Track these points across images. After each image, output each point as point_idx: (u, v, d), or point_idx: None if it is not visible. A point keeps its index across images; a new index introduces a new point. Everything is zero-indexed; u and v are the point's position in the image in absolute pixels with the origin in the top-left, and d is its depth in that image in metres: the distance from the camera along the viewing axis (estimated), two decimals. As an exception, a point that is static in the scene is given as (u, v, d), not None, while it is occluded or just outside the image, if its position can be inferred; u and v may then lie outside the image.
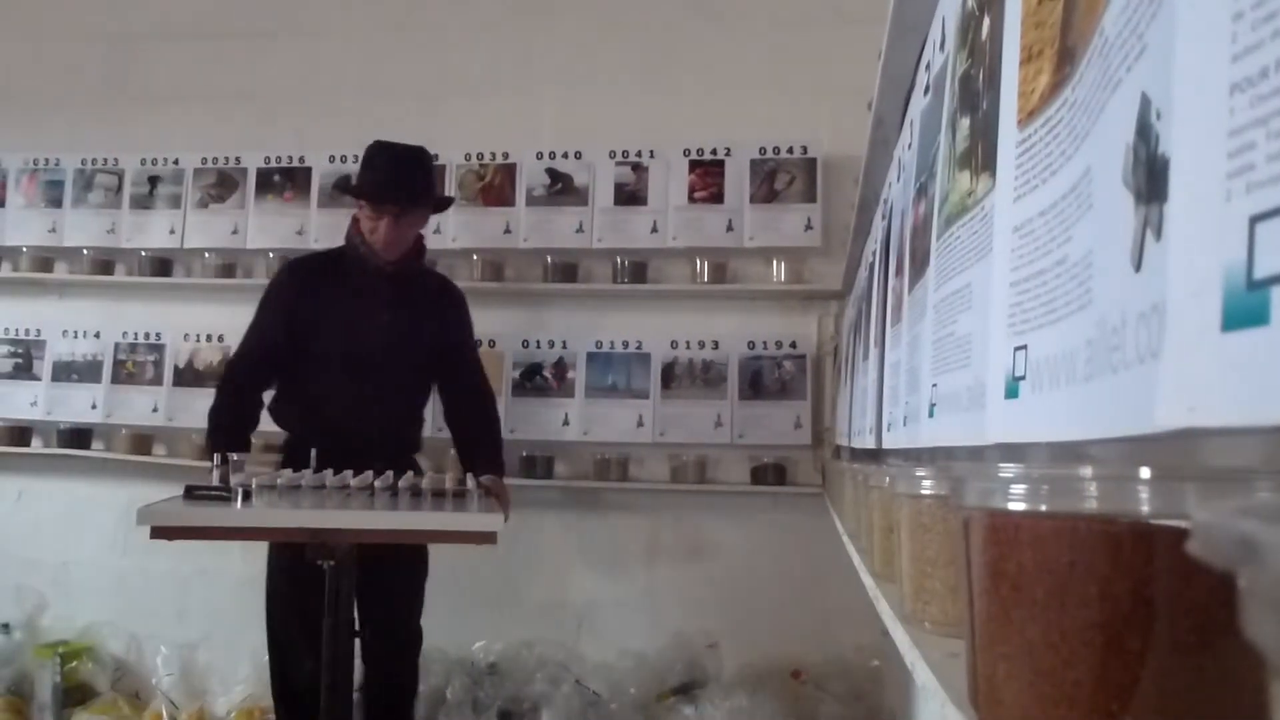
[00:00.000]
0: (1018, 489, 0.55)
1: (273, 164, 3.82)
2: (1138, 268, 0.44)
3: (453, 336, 3.06)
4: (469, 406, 3.04)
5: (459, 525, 2.22)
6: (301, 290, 2.94)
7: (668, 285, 3.60)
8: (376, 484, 2.47)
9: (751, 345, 3.52)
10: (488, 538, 2.16)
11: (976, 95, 0.82)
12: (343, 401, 2.85)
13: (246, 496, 2.32)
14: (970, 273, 0.79)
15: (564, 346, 3.60)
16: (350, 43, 3.90)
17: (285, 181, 3.80)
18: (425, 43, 3.83)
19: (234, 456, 2.53)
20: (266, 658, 2.96)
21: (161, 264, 3.87)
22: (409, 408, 3.00)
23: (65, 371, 3.89)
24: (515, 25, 3.79)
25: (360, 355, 2.87)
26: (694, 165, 3.58)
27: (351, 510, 2.25)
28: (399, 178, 2.85)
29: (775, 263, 3.51)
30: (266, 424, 2.93)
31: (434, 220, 3.70)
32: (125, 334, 3.87)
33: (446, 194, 3.19)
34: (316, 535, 2.22)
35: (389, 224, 2.83)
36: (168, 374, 3.80)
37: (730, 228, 3.52)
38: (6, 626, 3.69)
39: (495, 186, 3.68)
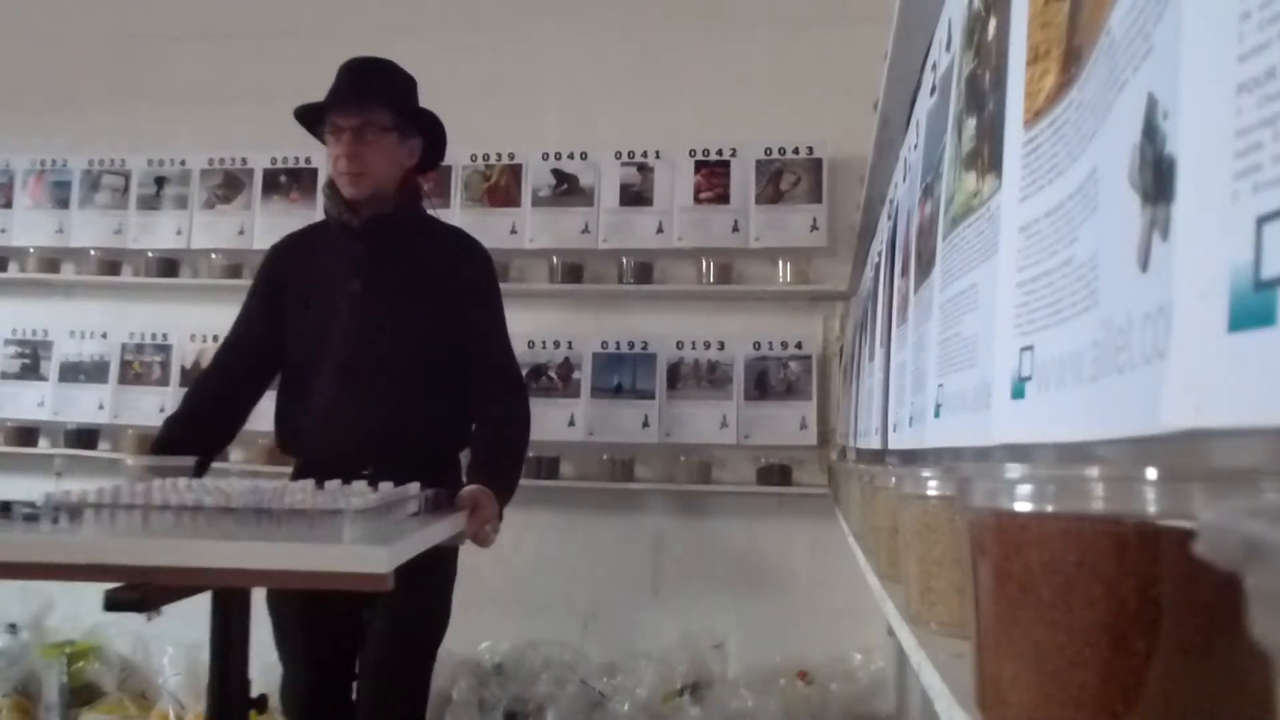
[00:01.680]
0: (1024, 489, 0.55)
1: (279, 165, 3.83)
2: (1144, 268, 0.44)
3: (464, 308, 2.37)
4: (485, 414, 2.34)
5: (323, 564, 1.47)
6: (277, 272, 2.44)
7: (673, 286, 3.60)
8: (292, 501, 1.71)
9: (757, 346, 3.52)
10: (373, 581, 1.45)
11: (983, 95, 0.82)
12: (325, 406, 2.27)
13: (36, 518, 1.70)
14: (976, 273, 0.79)
15: (569, 347, 3.60)
16: (355, 43, 3.89)
17: (291, 182, 3.81)
18: (430, 43, 3.83)
19: (131, 461, 2.11)
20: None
21: (168, 265, 3.88)
22: (418, 406, 2.29)
23: (72, 372, 3.90)
24: (520, 26, 3.80)
25: (337, 342, 2.29)
26: (699, 166, 3.58)
27: (190, 540, 1.56)
28: (355, 82, 2.36)
29: (781, 263, 3.51)
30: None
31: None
32: (132, 334, 3.88)
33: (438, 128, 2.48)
34: (132, 576, 1.52)
35: (349, 141, 2.27)
36: (174, 374, 3.81)
37: (736, 228, 3.52)
38: (13, 627, 3.70)
39: (501, 187, 3.68)
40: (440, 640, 2.39)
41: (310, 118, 2.38)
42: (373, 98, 2.33)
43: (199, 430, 2.29)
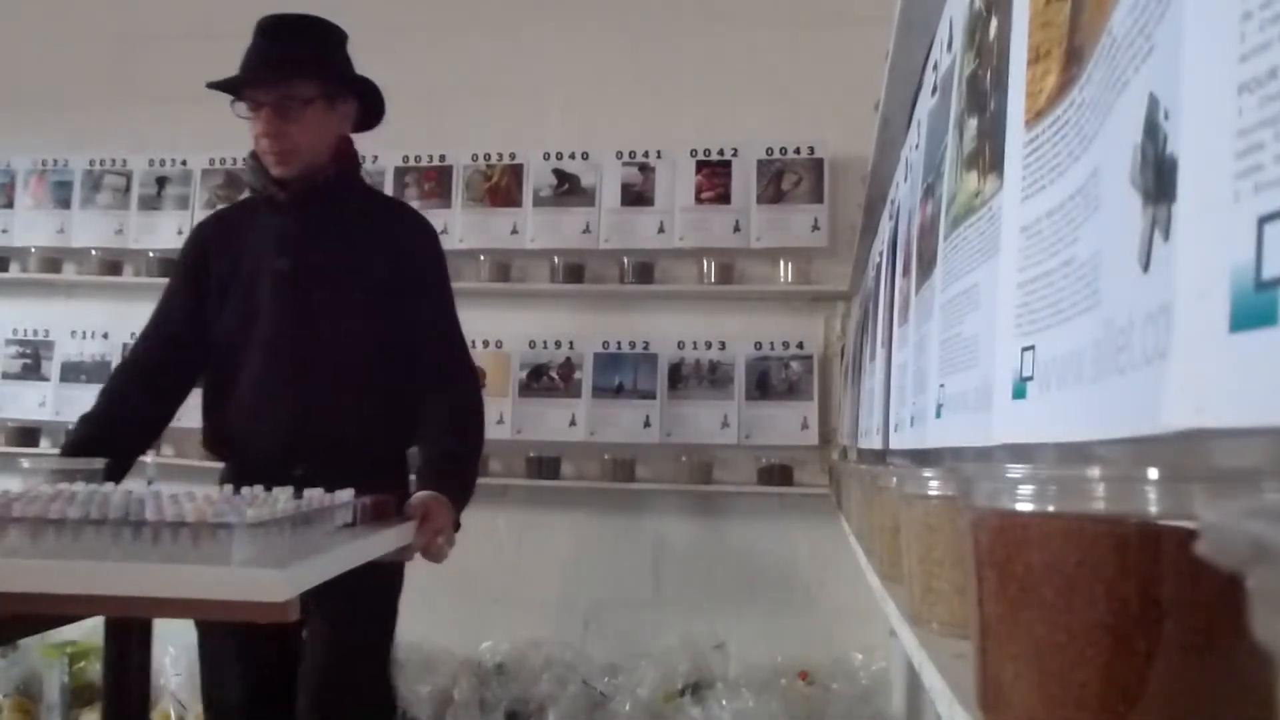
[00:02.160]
0: (1025, 489, 0.55)
1: (280, 165, 3.83)
2: (1145, 268, 0.44)
3: (409, 290, 2.10)
4: (434, 409, 2.04)
5: (202, 590, 1.21)
6: (201, 253, 2.16)
7: (675, 286, 3.60)
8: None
9: (758, 346, 3.52)
10: (269, 611, 1.20)
11: (984, 95, 0.82)
12: (251, 400, 2.04)
13: None
14: (978, 273, 0.79)
15: (571, 347, 3.60)
16: (356, 44, 3.89)
17: (293, 182, 3.81)
18: (431, 44, 3.83)
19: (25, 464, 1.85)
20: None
21: (170, 265, 3.86)
22: (356, 399, 2.04)
23: (74, 372, 3.90)
24: (522, 26, 3.80)
25: (264, 327, 2.05)
26: (701, 166, 3.58)
27: (44, 561, 1.26)
28: (271, 50, 2.08)
29: (782, 263, 3.51)
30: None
31: (441, 221, 3.73)
32: (133, 335, 3.84)
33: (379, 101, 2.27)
34: None
35: (268, 117, 2.02)
36: (176, 374, 3.81)
37: (737, 228, 3.52)
38: (15, 626, 3.70)
39: (502, 187, 3.68)
40: (388, 656, 2.14)
41: (227, 86, 2.10)
42: (292, 69, 2.06)
43: (118, 428, 2.05)
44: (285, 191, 2.07)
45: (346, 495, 1.62)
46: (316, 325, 2.04)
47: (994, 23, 0.80)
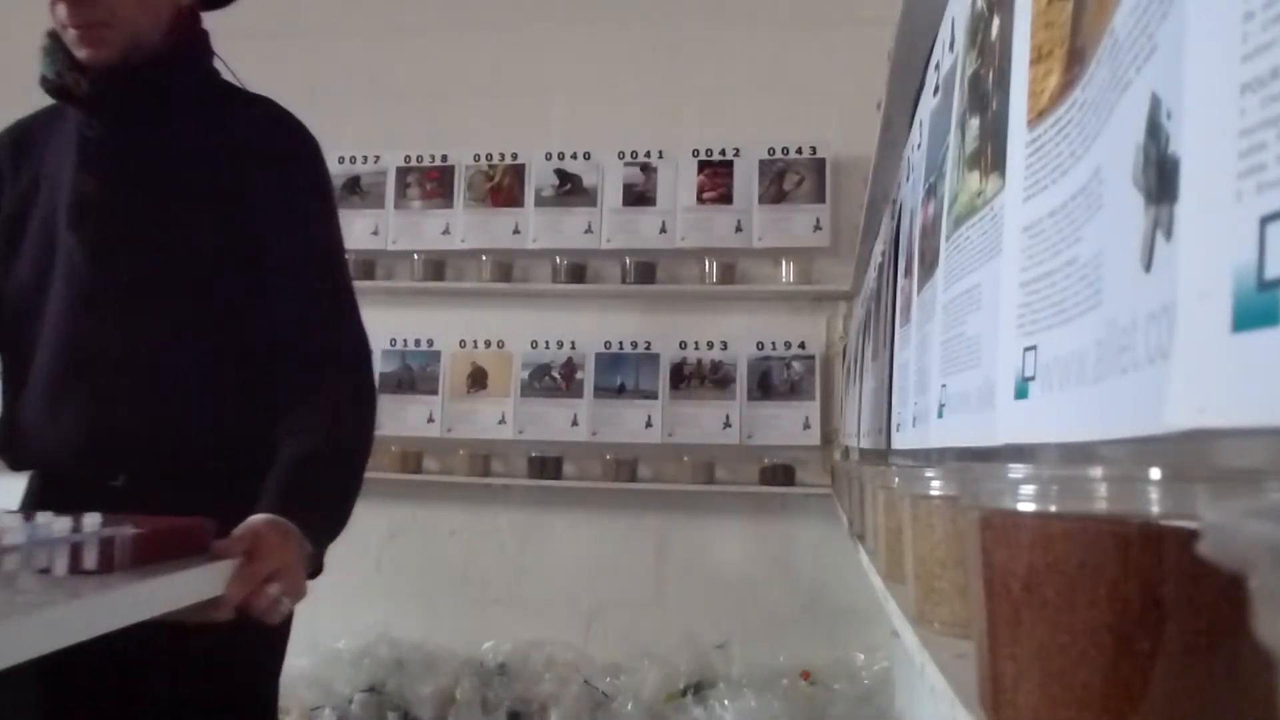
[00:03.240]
0: (1027, 489, 0.55)
1: (282, 165, 3.83)
2: (1148, 268, 0.44)
3: (272, 222, 1.44)
4: (299, 400, 1.38)
5: None
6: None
7: (676, 286, 3.60)
8: None
9: (760, 346, 3.52)
10: None
11: (986, 95, 0.82)
12: (49, 382, 1.41)
13: None
14: (979, 273, 0.79)
15: (572, 347, 3.61)
16: (357, 43, 3.91)
17: (295, 182, 3.80)
18: (433, 43, 3.83)
19: None
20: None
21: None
22: (192, 378, 1.40)
23: (76, 372, 3.90)
24: (524, 26, 3.80)
25: (64, 276, 1.41)
26: (703, 166, 3.58)
27: None
28: None
29: (784, 263, 3.51)
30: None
31: (443, 220, 3.74)
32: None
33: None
34: None
35: None
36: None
37: (739, 228, 3.52)
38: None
39: (504, 187, 3.69)
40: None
41: None
42: None
43: None
44: (88, 78, 1.45)
45: (69, 523, 0.94)
46: (132, 274, 1.41)
47: (996, 23, 0.80)
